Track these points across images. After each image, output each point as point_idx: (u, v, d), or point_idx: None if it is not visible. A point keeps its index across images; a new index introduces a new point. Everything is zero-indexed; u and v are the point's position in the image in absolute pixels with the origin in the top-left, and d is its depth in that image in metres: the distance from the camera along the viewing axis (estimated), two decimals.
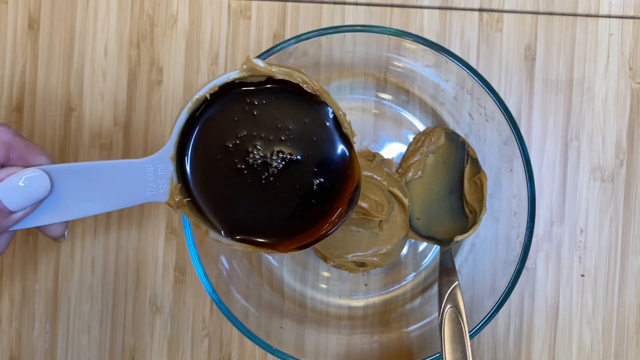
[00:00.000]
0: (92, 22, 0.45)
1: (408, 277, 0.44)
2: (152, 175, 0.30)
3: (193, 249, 0.37)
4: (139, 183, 0.30)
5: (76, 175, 0.29)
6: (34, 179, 0.27)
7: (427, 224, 0.43)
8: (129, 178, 0.30)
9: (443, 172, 0.43)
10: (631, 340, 0.44)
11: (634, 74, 0.44)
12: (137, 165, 0.30)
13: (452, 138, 0.43)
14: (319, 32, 0.37)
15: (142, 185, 0.30)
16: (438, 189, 0.43)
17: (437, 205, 0.43)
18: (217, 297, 0.37)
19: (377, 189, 0.41)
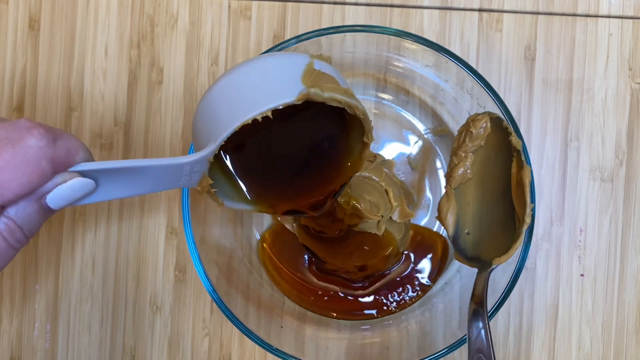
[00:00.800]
0: (93, 22, 0.45)
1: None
2: (188, 171, 0.32)
3: (193, 249, 0.37)
4: (175, 176, 0.32)
5: (118, 172, 0.30)
6: (80, 186, 0.28)
7: (478, 240, 0.37)
8: (167, 173, 0.31)
9: (496, 168, 0.37)
10: (631, 339, 0.44)
11: (633, 74, 0.44)
12: (177, 165, 0.31)
13: (499, 124, 0.36)
14: (319, 32, 0.37)
15: (177, 177, 0.32)
16: (492, 191, 0.37)
17: (491, 213, 0.37)
18: (217, 297, 0.37)
19: (374, 190, 0.41)
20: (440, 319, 0.42)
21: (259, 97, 0.31)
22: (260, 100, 0.31)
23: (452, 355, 0.44)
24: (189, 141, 0.44)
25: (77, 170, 0.28)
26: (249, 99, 0.31)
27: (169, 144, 0.45)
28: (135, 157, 0.45)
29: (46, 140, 0.26)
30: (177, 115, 0.45)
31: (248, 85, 0.32)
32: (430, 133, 0.44)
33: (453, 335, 0.38)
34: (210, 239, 0.41)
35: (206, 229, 0.40)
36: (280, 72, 0.32)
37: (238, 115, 0.31)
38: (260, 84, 0.32)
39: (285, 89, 0.31)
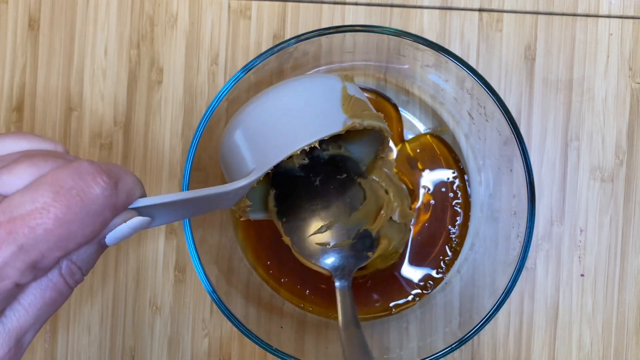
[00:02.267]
0: (92, 22, 0.45)
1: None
2: (232, 195, 0.33)
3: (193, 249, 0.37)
4: (220, 200, 0.33)
5: (171, 205, 0.30)
6: (138, 224, 0.28)
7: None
8: (215, 199, 0.33)
9: None
10: (631, 339, 0.44)
11: (633, 74, 0.44)
12: (223, 193, 0.33)
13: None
14: (319, 32, 0.37)
15: (220, 201, 0.33)
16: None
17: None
18: (217, 297, 0.37)
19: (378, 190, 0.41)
20: (440, 319, 0.42)
21: (307, 128, 0.34)
22: (309, 131, 0.34)
23: (452, 355, 0.44)
24: (189, 141, 0.44)
25: (134, 207, 0.28)
26: (296, 129, 0.34)
27: (169, 144, 0.45)
28: (135, 158, 0.45)
29: (110, 189, 0.25)
30: (176, 115, 0.45)
31: (293, 114, 0.34)
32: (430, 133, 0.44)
33: (453, 335, 0.38)
34: (210, 239, 0.41)
35: (206, 229, 0.40)
36: (321, 100, 0.35)
37: (287, 146, 0.33)
38: (305, 113, 0.34)
39: (330, 119, 0.34)
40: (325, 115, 0.34)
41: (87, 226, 0.25)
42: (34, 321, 0.25)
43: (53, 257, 0.24)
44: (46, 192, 0.24)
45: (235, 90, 0.37)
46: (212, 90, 0.45)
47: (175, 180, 0.45)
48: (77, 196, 0.24)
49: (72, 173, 0.25)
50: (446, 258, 0.44)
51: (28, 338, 0.26)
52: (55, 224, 0.23)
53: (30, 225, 0.23)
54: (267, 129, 0.34)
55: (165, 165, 0.45)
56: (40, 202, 0.24)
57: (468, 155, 0.44)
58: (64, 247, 0.24)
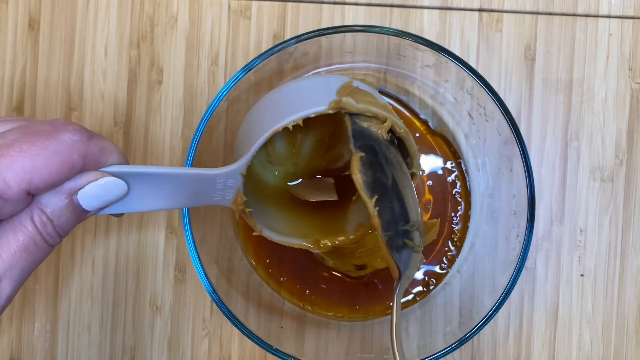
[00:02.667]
0: (92, 22, 0.45)
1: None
2: (221, 185, 0.32)
3: (193, 249, 0.37)
4: (208, 190, 0.32)
5: (150, 178, 0.30)
6: (112, 186, 0.28)
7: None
8: (199, 185, 0.32)
9: None
10: (631, 339, 0.44)
11: (633, 74, 0.44)
12: (209, 176, 0.32)
13: None
14: (319, 32, 0.37)
15: (210, 192, 0.32)
16: None
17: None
18: (217, 297, 0.37)
19: None
20: (440, 319, 0.42)
21: (290, 109, 0.32)
22: (292, 110, 0.31)
23: (452, 355, 0.44)
24: (189, 141, 0.44)
25: (108, 170, 0.28)
26: (282, 111, 0.32)
27: (169, 144, 0.45)
28: (135, 158, 0.45)
29: (79, 135, 0.27)
30: (177, 115, 0.45)
31: (283, 101, 0.33)
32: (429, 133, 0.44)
33: (453, 335, 0.39)
34: (210, 239, 0.41)
35: (206, 229, 0.40)
36: (315, 88, 0.33)
37: (269, 126, 0.32)
38: (294, 98, 0.33)
39: (318, 99, 0.32)
40: (315, 98, 0.32)
41: (52, 164, 0.26)
42: (9, 266, 0.26)
43: (17, 188, 0.25)
44: (16, 131, 0.26)
45: (235, 90, 0.37)
46: (212, 90, 0.45)
47: None
48: (44, 134, 0.26)
49: (45, 122, 0.27)
50: (449, 253, 0.44)
51: (5, 287, 0.26)
52: (19, 155, 0.25)
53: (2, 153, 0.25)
54: (259, 119, 0.33)
55: (165, 165, 0.45)
56: (9, 138, 0.26)
57: (468, 155, 0.44)
58: (28, 179, 0.25)
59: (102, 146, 0.28)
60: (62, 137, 0.26)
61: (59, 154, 0.26)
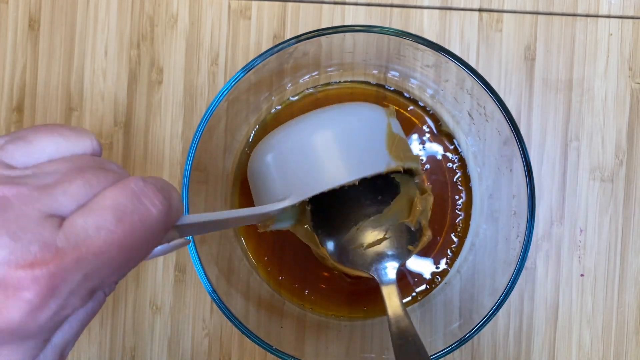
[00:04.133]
0: (92, 22, 0.45)
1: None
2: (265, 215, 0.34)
3: (193, 249, 0.37)
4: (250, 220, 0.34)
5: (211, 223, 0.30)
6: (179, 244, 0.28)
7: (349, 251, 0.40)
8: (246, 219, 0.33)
9: None
10: (631, 339, 0.44)
11: (633, 74, 0.44)
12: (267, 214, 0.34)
13: None
14: (319, 32, 0.37)
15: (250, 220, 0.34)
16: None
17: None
18: (217, 297, 0.37)
19: None
20: (440, 319, 0.42)
21: (350, 164, 0.34)
22: (352, 167, 0.34)
23: (452, 355, 0.44)
24: (189, 141, 0.44)
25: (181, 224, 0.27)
26: (339, 164, 0.34)
27: (169, 144, 0.45)
28: (135, 158, 0.45)
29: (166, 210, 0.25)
30: (177, 115, 0.45)
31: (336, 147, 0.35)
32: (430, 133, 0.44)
33: (453, 335, 0.38)
34: (210, 239, 0.41)
35: None
36: (365, 136, 0.36)
37: (328, 180, 0.34)
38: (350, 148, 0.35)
39: (375, 158, 0.35)
40: (370, 153, 0.35)
41: (145, 249, 0.24)
42: (75, 333, 0.25)
43: (111, 282, 0.24)
44: (109, 217, 0.23)
45: (235, 90, 0.37)
46: (212, 90, 0.45)
47: (176, 180, 0.45)
48: (139, 222, 0.23)
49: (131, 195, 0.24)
50: (452, 246, 0.44)
51: (67, 352, 0.26)
52: (118, 251, 0.23)
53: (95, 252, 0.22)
54: (306, 158, 0.35)
55: (165, 165, 0.45)
56: (105, 229, 0.23)
57: (468, 155, 0.44)
58: (122, 272, 0.24)
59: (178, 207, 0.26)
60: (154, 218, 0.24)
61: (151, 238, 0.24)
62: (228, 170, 0.43)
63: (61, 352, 0.25)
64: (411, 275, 0.44)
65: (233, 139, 0.42)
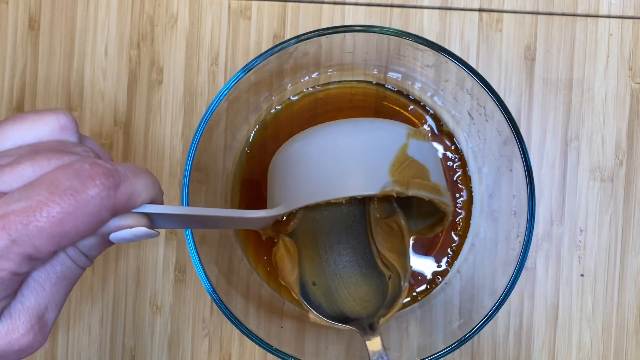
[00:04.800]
0: (92, 22, 0.45)
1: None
2: (251, 222, 0.33)
3: (193, 249, 0.37)
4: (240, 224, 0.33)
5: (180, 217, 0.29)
6: (143, 234, 0.28)
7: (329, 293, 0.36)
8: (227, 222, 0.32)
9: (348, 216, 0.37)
10: (631, 339, 0.44)
11: (633, 74, 0.44)
12: (249, 219, 0.32)
13: None
14: (319, 32, 0.37)
15: (236, 224, 0.33)
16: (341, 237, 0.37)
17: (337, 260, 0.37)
18: (217, 297, 0.37)
19: None
20: (440, 319, 0.42)
21: (343, 180, 0.32)
22: (344, 184, 0.32)
23: (452, 355, 0.44)
24: (189, 141, 0.44)
25: (144, 212, 0.28)
26: (335, 178, 0.32)
27: (169, 143, 0.45)
28: (135, 158, 0.45)
29: (107, 190, 0.26)
30: (177, 115, 0.45)
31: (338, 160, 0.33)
32: (430, 133, 0.44)
33: (453, 335, 0.38)
34: (210, 239, 0.41)
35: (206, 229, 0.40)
36: (373, 152, 0.33)
37: (317, 194, 0.32)
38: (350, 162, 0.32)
39: (371, 178, 0.32)
40: (369, 171, 0.32)
41: (81, 225, 0.25)
42: (51, 296, 0.27)
43: (47, 251, 0.25)
44: (42, 190, 0.25)
45: (235, 90, 0.37)
46: (212, 90, 0.45)
47: (176, 180, 0.45)
48: (71, 196, 0.25)
49: (70, 174, 0.25)
50: (453, 244, 0.44)
51: (50, 316, 0.27)
52: (47, 222, 0.24)
53: (23, 222, 0.24)
54: (309, 168, 0.33)
55: (165, 165, 0.45)
56: (35, 200, 0.24)
57: (468, 155, 0.44)
58: (57, 243, 0.25)
59: (131, 192, 0.27)
60: (91, 195, 0.25)
61: (87, 214, 0.25)
62: (228, 170, 0.43)
63: (38, 315, 0.26)
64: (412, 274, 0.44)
65: (233, 139, 0.42)
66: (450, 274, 0.44)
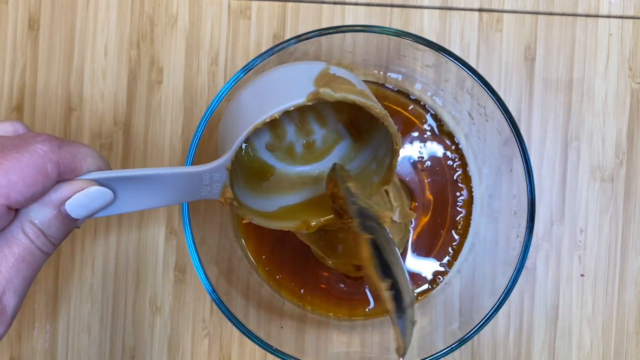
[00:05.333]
0: (92, 22, 0.45)
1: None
2: (208, 180, 0.33)
3: (193, 249, 0.37)
4: (195, 186, 0.32)
5: (134, 181, 0.30)
6: (97, 194, 0.29)
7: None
8: (186, 182, 0.32)
9: None
10: (631, 340, 0.44)
11: (633, 74, 0.44)
12: (194, 174, 0.32)
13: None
14: (319, 32, 0.37)
15: (197, 188, 0.32)
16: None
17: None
18: (217, 297, 0.37)
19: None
20: (440, 319, 0.42)
21: (270, 102, 0.32)
22: (272, 104, 0.32)
23: (452, 356, 0.44)
24: (189, 141, 0.44)
25: (92, 178, 0.29)
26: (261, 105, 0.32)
27: (169, 143, 0.45)
28: (135, 158, 0.45)
29: (49, 145, 0.27)
30: (176, 115, 0.45)
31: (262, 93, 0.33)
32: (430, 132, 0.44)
33: (453, 335, 0.38)
34: (210, 239, 0.41)
35: (206, 229, 0.40)
36: (293, 78, 0.33)
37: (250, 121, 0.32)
38: (273, 90, 0.33)
39: (296, 91, 0.32)
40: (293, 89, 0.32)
41: (27, 176, 0.26)
42: (9, 278, 0.27)
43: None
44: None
45: (235, 90, 0.37)
46: (212, 90, 0.45)
47: None
48: (14, 148, 0.26)
49: (14, 137, 0.28)
50: (453, 243, 0.44)
51: (9, 301, 0.27)
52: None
53: None
54: (239, 113, 0.33)
55: (165, 165, 0.45)
56: None
57: (468, 155, 0.44)
58: (5, 194, 0.26)
59: (74, 152, 0.28)
60: (33, 149, 0.27)
61: (31, 165, 0.26)
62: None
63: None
64: (412, 275, 0.44)
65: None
66: (451, 274, 0.44)
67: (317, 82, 0.32)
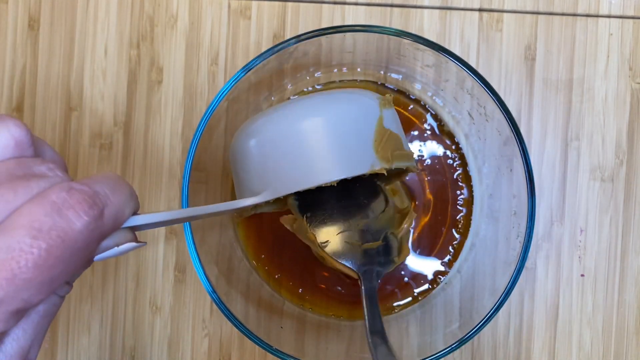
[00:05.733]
0: (92, 22, 0.45)
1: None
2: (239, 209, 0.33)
3: (193, 249, 0.37)
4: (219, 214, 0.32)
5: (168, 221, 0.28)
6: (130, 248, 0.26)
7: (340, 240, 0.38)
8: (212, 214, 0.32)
9: None
10: (631, 340, 0.44)
11: (633, 74, 0.44)
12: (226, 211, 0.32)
13: None
14: (319, 32, 0.37)
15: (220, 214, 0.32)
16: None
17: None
18: (217, 297, 0.37)
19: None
20: (440, 319, 0.42)
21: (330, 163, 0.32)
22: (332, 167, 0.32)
23: (452, 356, 0.44)
24: (189, 141, 0.44)
25: (134, 225, 0.26)
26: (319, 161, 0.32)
27: (169, 143, 0.45)
28: (135, 158, 0.45)
29: (94, 221, 0.23)
30: (176, 115, 0.45)
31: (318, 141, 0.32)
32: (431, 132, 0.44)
33: (453, 336, 0.38)
34: (210, 239, 0.41)
35: (206, 229, 0.40)
36: (352, 132, 0.33)
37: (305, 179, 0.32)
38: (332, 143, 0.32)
39: (359, 158, 0.32)
40: (354, 151, 0.32)
41: (70, 265, 0.23)
42: (34, 337, 0.25)
43: (38, 300, 0.23)
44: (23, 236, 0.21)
45: (235, 90, 0.37)
46: (212, 90, 0.45)
47: (175, 180, 0.45)
48: (58, 238, 0.22)
49: (50, 209, 0.22)
50: (454, 242, 0.44)
51: (33, 354, 0.25)
52: (35, 272, 0.21)
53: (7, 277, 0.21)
54: (287, 151, 0.32)
55: (165, 165, 0.45)
56: (17, 249, 0.21)
57: (468, 155, 0.44)
58: (47, 290, 0.22)
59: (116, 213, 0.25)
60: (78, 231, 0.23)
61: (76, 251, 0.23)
62: (228, 170, 0.43)
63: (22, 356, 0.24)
64: (412, 274, 0.44)
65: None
66: (451, 274, 0.44)
67: (376, 146, 0.33)
